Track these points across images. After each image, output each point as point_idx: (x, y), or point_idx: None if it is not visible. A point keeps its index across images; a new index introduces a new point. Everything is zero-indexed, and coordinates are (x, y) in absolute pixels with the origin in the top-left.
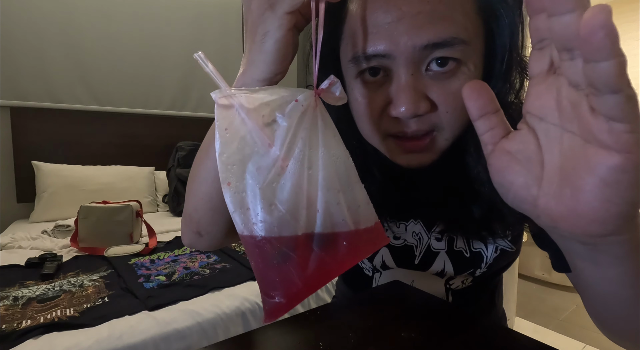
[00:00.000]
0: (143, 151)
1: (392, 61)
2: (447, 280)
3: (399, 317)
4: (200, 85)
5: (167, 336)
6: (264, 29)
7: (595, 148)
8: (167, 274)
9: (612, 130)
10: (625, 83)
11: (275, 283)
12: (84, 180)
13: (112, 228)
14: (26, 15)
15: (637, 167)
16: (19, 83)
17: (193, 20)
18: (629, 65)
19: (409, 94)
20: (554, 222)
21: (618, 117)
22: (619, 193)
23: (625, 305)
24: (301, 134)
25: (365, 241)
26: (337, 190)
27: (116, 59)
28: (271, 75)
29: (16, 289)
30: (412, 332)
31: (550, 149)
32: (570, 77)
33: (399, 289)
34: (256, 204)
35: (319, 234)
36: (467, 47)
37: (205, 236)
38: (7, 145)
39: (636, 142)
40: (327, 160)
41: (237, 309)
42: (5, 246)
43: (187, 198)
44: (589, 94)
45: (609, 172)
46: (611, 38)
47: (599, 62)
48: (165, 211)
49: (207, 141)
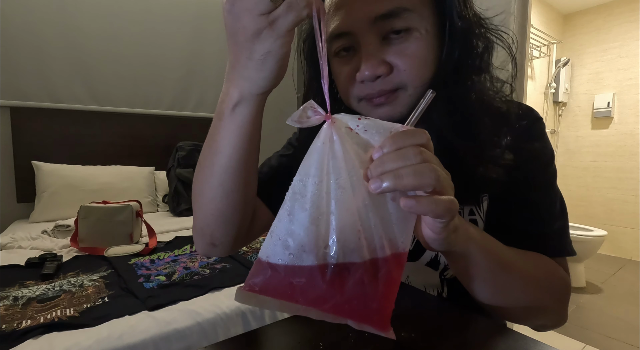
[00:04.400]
0: (143, 151)
1: (355, 36)
2: (441, 271)
3: (398, 317)
4: (200, 85)
5: (167, 336)
6: (264, 48)
7: (425, 228)
8: (167, 274)
9: (431, 223)
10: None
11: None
12: (84, 180)
13: (112, 228)
14: (26, 15)
15: (443, 239)
16: (19, 83)
17: (193, 21)
18: (629, 65)
19: (369, 60)
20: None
21: (438, 218)
22: (434, 245)
23: (472, 287)
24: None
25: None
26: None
27: (116, 59)
28: (270, 89)
29: (16, 289)
30: (412, 332)
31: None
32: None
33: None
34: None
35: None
36: (413, 14)
37: (219, 246)
38: (7, 145)
39: (442, 230)
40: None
41: (237, 309)
42: (5, 246)
43: (197, 213)
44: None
45: (427, 236)
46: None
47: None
48: (165, 211)
49: (206, 157)
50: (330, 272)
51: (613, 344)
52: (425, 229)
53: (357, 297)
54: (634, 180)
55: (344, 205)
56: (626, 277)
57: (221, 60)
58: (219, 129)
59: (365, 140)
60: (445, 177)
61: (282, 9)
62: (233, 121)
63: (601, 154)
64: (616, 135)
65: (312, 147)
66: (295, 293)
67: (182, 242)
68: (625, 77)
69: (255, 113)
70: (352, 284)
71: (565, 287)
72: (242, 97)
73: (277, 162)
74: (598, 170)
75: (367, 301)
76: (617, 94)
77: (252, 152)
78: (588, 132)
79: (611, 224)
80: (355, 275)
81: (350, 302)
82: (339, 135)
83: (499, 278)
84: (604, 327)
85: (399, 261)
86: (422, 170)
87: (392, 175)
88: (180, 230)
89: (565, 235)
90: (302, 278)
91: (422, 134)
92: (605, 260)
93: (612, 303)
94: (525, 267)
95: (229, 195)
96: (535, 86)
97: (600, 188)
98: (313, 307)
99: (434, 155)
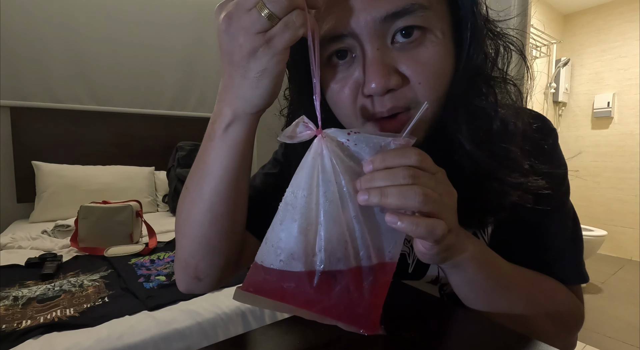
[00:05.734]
0: (143, 151)
1: (357, 39)
2: (441, 286)
3: (399, 317)
4: (200, 85)
5: (167, 336)
6: (259, 66)
7: (419, 244)
8: (167, 274)
9: (423, 243)
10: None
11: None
12: (84, 180)
13: (112, 228)
14: (26, 16)
15: (435, 255)
16: (19, 83)
17: (193, 21)
18: (629, 65)
19: (378, 68)
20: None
21: (427, 239)
22: (427, 259)
23: (468, 301)
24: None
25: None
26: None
27: (116, 59)
28: (264, 108)
29: (16, 289)
30: (412, 332)
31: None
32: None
33: (398, 289)
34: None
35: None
36: (429, 13)
37: (204, 280)
38: (7, 145)
39: (432, 248)
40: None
41: (237, 309)
42: (5, 246)
43: (180, 243)
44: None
45: (420, 252)
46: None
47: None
48: (165, 211)
49: (194, 181)
50: (317, 278)
51: (613, 344)
52: (417, 243)
53: (343, 302)
54: (634, 180)
55: (332, 217)
56: (626, 277)
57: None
58: (208, 150)
59: (356, 153)
60: (438, 199)
61: (279, 27)
62: (225, 141)
63: (601, 154)
64: (616, 135)
65: (303, 161)
66: (287, 295)
67: None
68: (625, 77)
69: (249, 132)
70: (338, 290)
71: (574, 314)
72: (235, 116)
73: (261, 183)
74: (598, 170)
75: (354, 306)
76: (617, 94)
77: (243, 174)
78: (588, 132)
79: (611, 224)
80: (342, 282)
81: (338, 306)
82: (329, 149)
83: (497, 297)
84: (604, 327)
85: (385, 270)
86: (407, 193)
87: (378, 192)
88: None
89: (576, 263)
90: (292, 283)
91: (413, 154)
92: (605, 260)
93: (612, 303)
94: (528, 291)
95: (218, 220)
96: (535, 86)
97: (600, 188)
98: (304, 309)
99: (431, 174)
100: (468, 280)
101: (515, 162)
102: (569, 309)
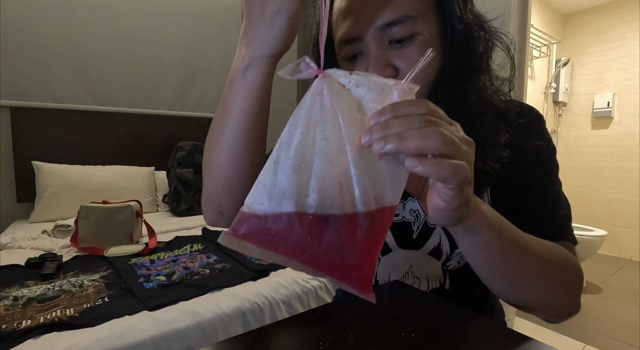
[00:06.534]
0: (143, 151)
1: (362, 42)
2: (444, 262)
3: (399, 317)
4: (200, 85)
5: (167, 336)
6: (275, 6)
7: (435, 192)
8: (167, 274)
9: (441, 190)
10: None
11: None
12: (84, 180)
13: (112, 228)
14: (26, 15)
15: (453, 210)
16: (19, 83)
17: (193, 20)
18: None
19: (377, 62)
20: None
21: (447, 183)
22: (444, 217)
23: (482, 269)
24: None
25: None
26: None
27: (116, 58)
28: (281, 51)
29: (16, 289)
30: (412, 332)
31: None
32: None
33: (399, 289)
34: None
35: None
36: (417, 21)
37: (226, 215)
38: (7, 145)
39: (453, 200)
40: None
41: (237, 309)
42: (5, 246)
43: (205, 180)
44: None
45: (437, 208)
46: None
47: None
48: (165, 211)
49: (216, 121)
50: (308, 220)
51: (613, 344)
52: (436, 198)
53: (334, 249)
54: (634, 180)
55: (327, 156)
56: (626, 277)
57: (221, 60)
58: (230, 92)
59: (357, 97)
60: (458, 142)
61: None
62: (243, 83)
63: (601, 154)
64: (616, 135)
65: (302, 100)
66: (276, 240)
67: (182, 242)
68: (625, 77)
69: (266, 76)
70: (329, 235)
71: (578, 273)
72: (252, 59)
73: None
74: (598, 170)
75: (345, 255)
76: (617, 94)
77: (261, 117)
78: (588, 132)
79: (611, 224)
80: (334, 227)
81: (327, 253)
82: (329, 89)
83: (512, 260)
84: (604, 327)
85: (384, 216)
86: (428, 133)
87: (396, 137)
88: (180, 230)
89: (570, 223)
90: (281, 224)
91: (425, 103)
92: (605, 260)
93: (612, 303)
94: (540, 250)
95: (237, 160)
96: (535, 86)
97: (600, 188)
98: (292, 258)
99: (447, 119)
100: (484, 243)
101: (492, 140)
102: (573, 267)
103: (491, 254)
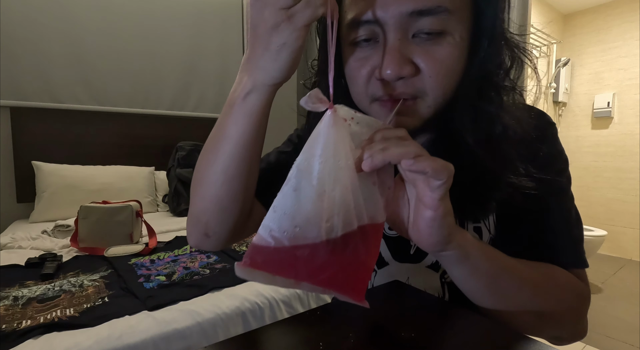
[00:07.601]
0: (143, 151)
1: (382, 27)
2: (442, 274)
3: (399, 317)
4: (200, 85)
5: (167, 336)
6: (281, 40)
7: (422, 206)
8: (167, 274)
9: (428, 196)
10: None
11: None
12: (84, 180)
13: (112, 228)
14: (26, 15)
15: (442, 218)
16: (19, 83)
17: (193, 20)
18: (629, 65)
19: (395, 56)
20: (416, 243)
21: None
22: (435, 230)
23: (475, 295)
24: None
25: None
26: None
27: (116, 58)
28: (282, 81)
29: (16, 289)
30: (412, 332)
31: (411, 204)
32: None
33: (398, 289)
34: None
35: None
36: (451, 17)
37: (212, 237)
38: (7, 145)
39: (440, 204)
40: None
41: (237, 309)
42: (5, 246)
43: (194, 200)
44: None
45: (427, 219)
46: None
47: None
48: (165, 211)
49: (212, 143)
50: (331, 243)
51: (613, 344)
52: (423, 210)
53: (350, 263)
54: (634, 180)
55: (344, 183)
56: (626, 277)
57: (221, 60)
58: (228, 115)
59: (357, 132)
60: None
61: (301, 5)
62: (243, 109)
63: (601, 154)
64: (616, 135)
65: (316, 130)
66: (298, 265)
67: (182, 242)
68: (625, 77)
69: (265, 103)
70: (348, 253)
71: (581, 297)
72: (254, 86)
73: (275, 159)
74: (598, 170)
75: (350, 269)
76: (617, 94)
77: (257, 142)
78: (588, 132)
79: (611, 224)
80: (350, 245)
81: (345, 270)
82: (339, 123)
83: (500, 283)
84: (604, 327)
85: (376, 229)
86: (406, 142)
87: (379, 150)
88: (180, 230)
89: (578, 247)
90: (306, 250)
91: (402, 129)
92: (605, 260)
93: (612, 303)
94: (530, 274)
95: (230, 182)
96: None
97: (600, 188)
98: (307, 281)
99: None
100: (474, 268)
101: (511, 163)
102: (575, 291)
103: (483, 277)
